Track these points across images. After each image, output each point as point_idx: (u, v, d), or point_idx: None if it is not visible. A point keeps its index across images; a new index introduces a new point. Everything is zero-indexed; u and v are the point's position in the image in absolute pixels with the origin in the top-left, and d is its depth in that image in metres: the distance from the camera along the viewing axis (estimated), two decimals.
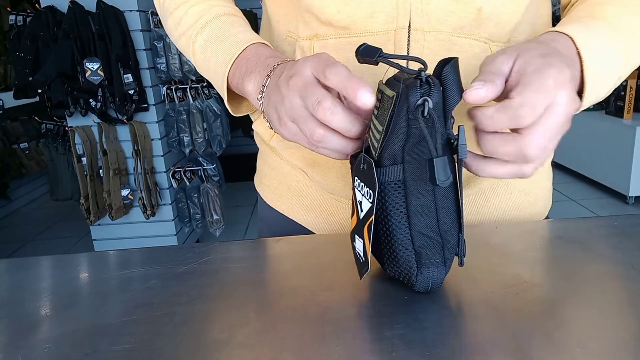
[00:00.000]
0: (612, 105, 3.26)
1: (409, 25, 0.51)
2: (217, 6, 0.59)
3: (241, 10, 0.63)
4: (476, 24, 0.51)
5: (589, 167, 3.50)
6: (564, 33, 0.46)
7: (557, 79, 0.38)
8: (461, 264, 0.42)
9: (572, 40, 0.46)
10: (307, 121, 0.43)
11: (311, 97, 0.42)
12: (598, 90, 0.48)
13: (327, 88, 0.42)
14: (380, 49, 0.40)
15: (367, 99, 0.39)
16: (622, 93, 3.15)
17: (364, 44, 0.42)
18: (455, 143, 0.39)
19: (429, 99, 0.37)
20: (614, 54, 0.48)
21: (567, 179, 3.71)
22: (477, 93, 0.39)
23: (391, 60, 0.40)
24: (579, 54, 0.45)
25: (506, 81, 0.41)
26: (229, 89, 0.56)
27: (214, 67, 0.56)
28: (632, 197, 3.14)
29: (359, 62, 0.42)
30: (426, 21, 0.51)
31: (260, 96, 0.49)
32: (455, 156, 0.39)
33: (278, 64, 0.49)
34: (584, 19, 0.49)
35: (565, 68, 0.39)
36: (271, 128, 0.49)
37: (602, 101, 3.34)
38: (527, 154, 0.38)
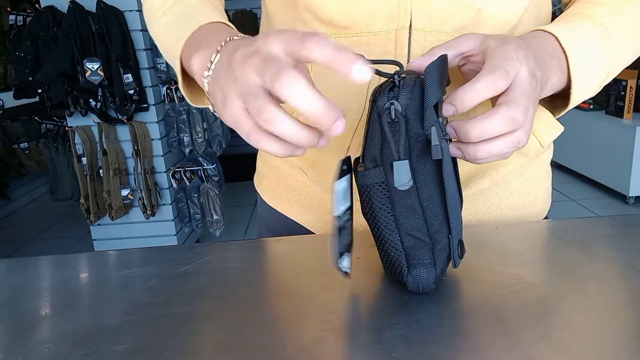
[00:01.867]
0: (612, 105, 3.26)
1: (410, 25, 0.51)
2: None
3: (241, 10, 0.62)
4: (476, 24, 0.51)
5: (589, 167, 3.50)
6: (547, 31, 0.48)
7: (517, 53, 0.41)
8: (455, 265, 0.42)
9: (556, 38, 0.48)
10: (257, 98, 0.35)
11: (270, 69, 0.34)
12: (586, 86, 0.50)
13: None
14: (361, 55, 0.35)
15: (364, 74, 0.33)
16: (622, 93, 3.15)
17: None
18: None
19: (395, 102, 0.38)
20: (598, 48, 0.49)
21: (567, 179, 3.71)
22: (417, 61, 0.44)
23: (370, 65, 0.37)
24: (563, 50, 0.47)
25: (465, 64, 0.46)
26: (185, 74, 0.50)
27: (171, 50, 0.51)
28: (632, 197, 3.13)
29: None
30: (427, 21, 0.51)
31: (206, 74, 0.41)
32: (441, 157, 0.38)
33: (230, 39, 0.42)
34: (570, 17, 0.51)
35: (523, 49, 0.42)
36: (214, 112, 0.43)
37: (602, 101, 3.35)
38: (513, 115, 0.39)
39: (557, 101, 0.53)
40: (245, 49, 0.37)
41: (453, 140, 0.42)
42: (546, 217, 0.67)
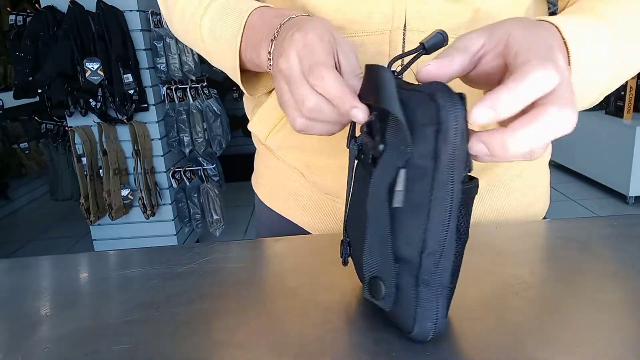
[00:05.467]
0: (612, 105, 3.26)
1: (405, 26, 0.51)
2: None
3: None
4: (471, 25, 0.51)
5: (589, 167, 3.50)
6: (548, 22, 0.41)
7: (545, 41, 0.35)
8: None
9: (558, 30, 0.41)
10: (300, 87, 0.39)
11: (306, 61, 0.39)
12: (587, 84, 0.44)
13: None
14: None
15: (360, 117, 0.36)
16: (622, 93, 3.15)
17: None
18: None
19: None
20: (604, 47, 0.44)
21: (567, 179, 3.71)
22: (425, 70, 0.35)
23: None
24: (565, 44, 0.41)
25: (479, 58, 0.37)
26: (243, 68, 0.53)
27: (225, 47, 0.52)
28: (632, 197, 3.14)
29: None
30: (422, 22, 0.51)
31: (269, 64, 0.46)
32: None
33: (282, 25, 0.45)
34: (574, 12, 0.46)
35: (549, 41, 0.35)
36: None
37: (602, 101, 3.35)
38: (567, 115, 0.32)
39: None
40: (290, 30, 0.42)
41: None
42: (544, 218, 0.67)
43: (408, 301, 0.34)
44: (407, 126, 0.32)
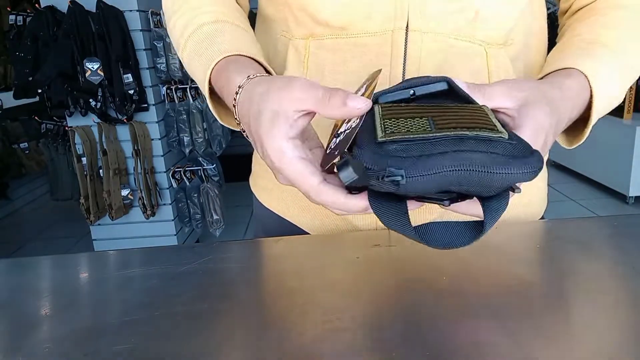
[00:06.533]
0: None
1: (407, 26, 0.51)
2: (201, 14, 0.54)
3: None
4: (473, 26, 0.51)
5: (589, 167, 3.50)
6: (580, 71, 0.48)
7: (548, 138, 0.41)
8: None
9: (587, 80, 0.47)
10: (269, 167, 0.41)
11: (267, 150, 0.39)
12: (602, 113, 0.51)
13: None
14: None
15: (357, 106, 0.37)
16: None
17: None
18: None
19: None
20: (617, 83, 0.51)
21: (567, 179, 3.71)
22: (460, 81, 0.40)
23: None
24: (590, 90, 0.48)
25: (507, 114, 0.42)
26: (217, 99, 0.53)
27: (199, 82, 0.53)
28: (632, 197, 3.13)
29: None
30: (424, 23, 0.51)
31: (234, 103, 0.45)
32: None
33: (236, 95, 0.44)
34: (593, 47, 0.51)
35: (553, 128, 0.42)
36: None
37: None
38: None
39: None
40: (254, 135, 0.41)
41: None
42: (542, 218, 0.67)
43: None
44: None
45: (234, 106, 0.44)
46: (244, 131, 0.45)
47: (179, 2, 0.58)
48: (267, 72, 0.50)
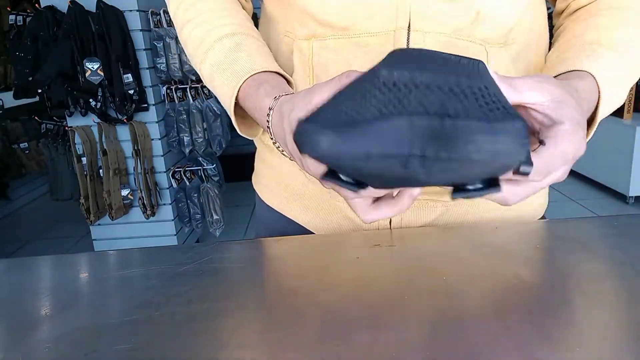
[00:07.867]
0: None
1: (409, 26, 0.51)
2: (219, 27, 0.56)
3: None
4: (473, 26, 0.52)
5: (589, 167, 3.50)
6: (591, 74, 0.48)
7: (578, 149, 0.40)
8: None
9: (597, 84, 0.48)
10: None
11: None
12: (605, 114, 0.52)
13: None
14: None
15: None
16: None
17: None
18: None
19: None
20: (622, 87, 0.52)
21: (567, 179, 3.69)
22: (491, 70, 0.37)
23: None
24: (599, 94, 0.49)
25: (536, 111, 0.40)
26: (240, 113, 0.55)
27: (222, 99, 0.55)
28: (632, 197, 3.13)
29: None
30: (426, 23, 0.51)
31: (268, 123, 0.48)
32: None
33: (268, 116, 0.47)
34: (597, 49, 0.51)
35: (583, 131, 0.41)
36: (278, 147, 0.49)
37: None
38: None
39: None
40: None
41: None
42: (543, 217, 0.67)
43: None
44: None
45: (269, 127, 0.47)
46: (282, 150, 0.47)
47: (191, 12, 0.58)
48: (288, 82, 0.54)
